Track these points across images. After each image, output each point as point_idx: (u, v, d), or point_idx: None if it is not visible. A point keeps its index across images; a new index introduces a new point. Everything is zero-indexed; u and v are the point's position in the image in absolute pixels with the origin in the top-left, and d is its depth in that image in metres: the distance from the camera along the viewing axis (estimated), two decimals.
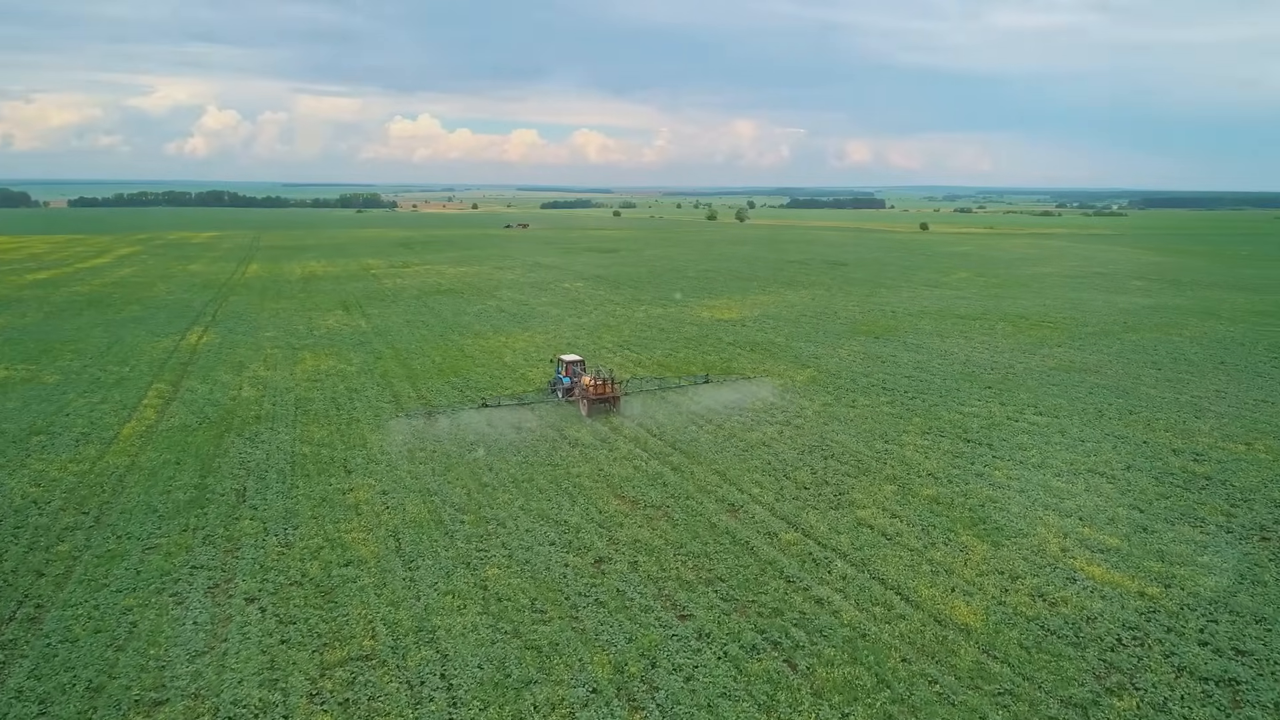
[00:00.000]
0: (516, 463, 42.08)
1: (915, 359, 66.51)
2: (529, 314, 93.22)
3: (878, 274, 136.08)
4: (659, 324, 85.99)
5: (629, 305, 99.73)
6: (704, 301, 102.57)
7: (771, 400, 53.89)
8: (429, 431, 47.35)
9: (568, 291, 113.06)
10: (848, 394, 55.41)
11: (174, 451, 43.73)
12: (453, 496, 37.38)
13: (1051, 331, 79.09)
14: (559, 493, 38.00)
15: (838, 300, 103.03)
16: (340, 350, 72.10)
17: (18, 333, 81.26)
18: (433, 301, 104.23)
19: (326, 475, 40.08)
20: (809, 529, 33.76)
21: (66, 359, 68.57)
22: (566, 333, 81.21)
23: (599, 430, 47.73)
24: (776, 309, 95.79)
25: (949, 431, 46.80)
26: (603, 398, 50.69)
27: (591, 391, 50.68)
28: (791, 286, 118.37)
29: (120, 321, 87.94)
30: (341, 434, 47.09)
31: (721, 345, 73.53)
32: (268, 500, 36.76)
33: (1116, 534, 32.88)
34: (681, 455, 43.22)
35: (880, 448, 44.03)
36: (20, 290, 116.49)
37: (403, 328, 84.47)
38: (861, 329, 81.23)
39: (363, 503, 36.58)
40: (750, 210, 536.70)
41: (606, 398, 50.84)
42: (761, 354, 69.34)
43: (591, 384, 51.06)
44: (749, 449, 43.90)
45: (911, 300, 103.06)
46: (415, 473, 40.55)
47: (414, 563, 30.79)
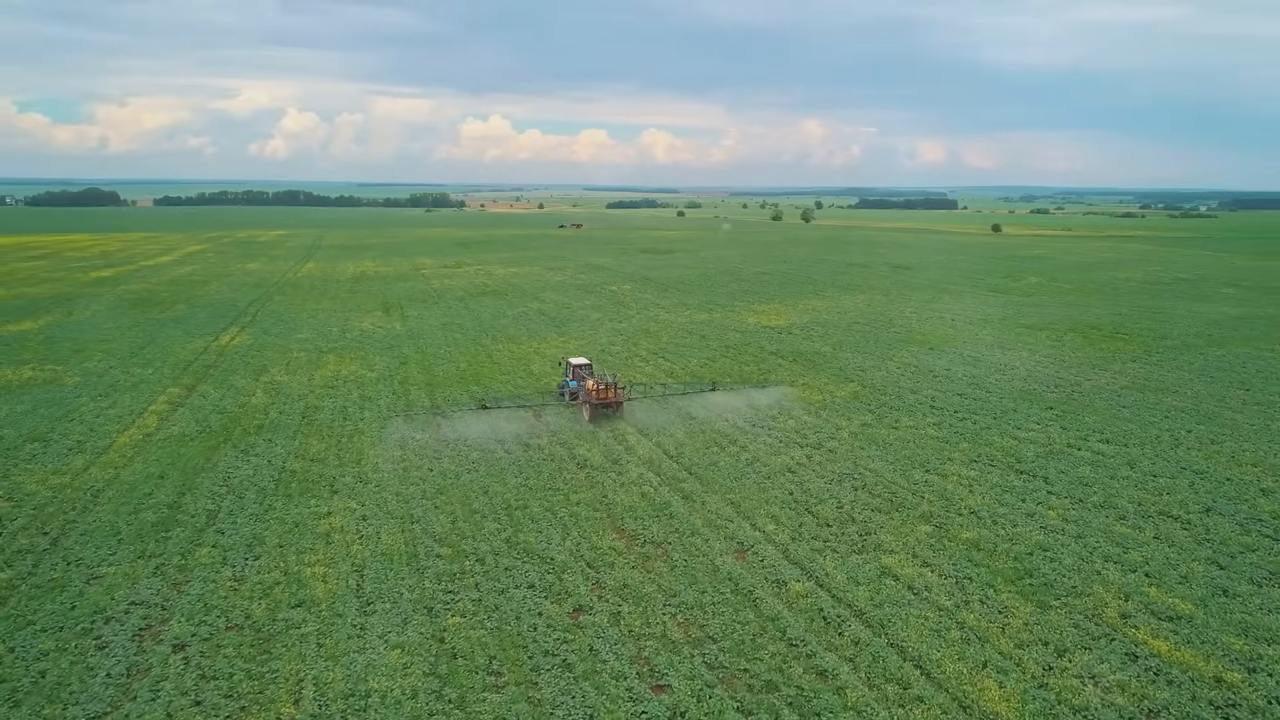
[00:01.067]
0: (514, 485, 38.67)
1: (970, 374, 61.13)
2: (569, 318, 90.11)
3: (942, 278, 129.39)
4: (701, 330, 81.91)
5: (674, 309, 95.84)
6: (752, 306, 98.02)
7: (806, 419, 49.45)
8: (427, 448, 44.31)
9: (613, 294, 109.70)
10: (891, 413, 50.60)
11: (162, 464, 41.52)
12: (435, 525, 34.13)
13: (1126, 344, 72.53)
14: (552, 523, 34.44)
15: (895, 306, 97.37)
16: (366, 354, 69.92)
17: (60, 331, 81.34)
18: (475, 303, 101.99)
19: (308, 496, 37.26)
20: (824, 578, 29.49)
21: (96, 359, 67.80)
22: (602, 338, 77.79)
23: (611, 449, 44.05)
24: (828, 315, 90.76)
25: (1000, 460, 41.78)
26: (605, 403, 49.15)
27: (594, 396, 49.11)
28: (848, 291, 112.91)
29: (161, 321, 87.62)
30: (339, 448, 44.37)
31: (763, 355, 69.11)
32: (237, 525, 34.03)
33: (1190, 597, 27.81)
34: (696, 482, 39.25)
35: (919, 478, 39.32)
36: (80, 287, 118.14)
37: (437, 331, 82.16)
38: (916, 338, 75.83)
39: (336, 530, 33.57)
40: (817, 210, 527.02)
41: (609, 403, 49.26)
42: (804, 365, 64.73)
43: (594, 388, 49.24)
44: (771, 476, 39.68)
45: (974, 307, 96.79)
46: (403, 495, 37.45)
47: (371, 606, 27.55)
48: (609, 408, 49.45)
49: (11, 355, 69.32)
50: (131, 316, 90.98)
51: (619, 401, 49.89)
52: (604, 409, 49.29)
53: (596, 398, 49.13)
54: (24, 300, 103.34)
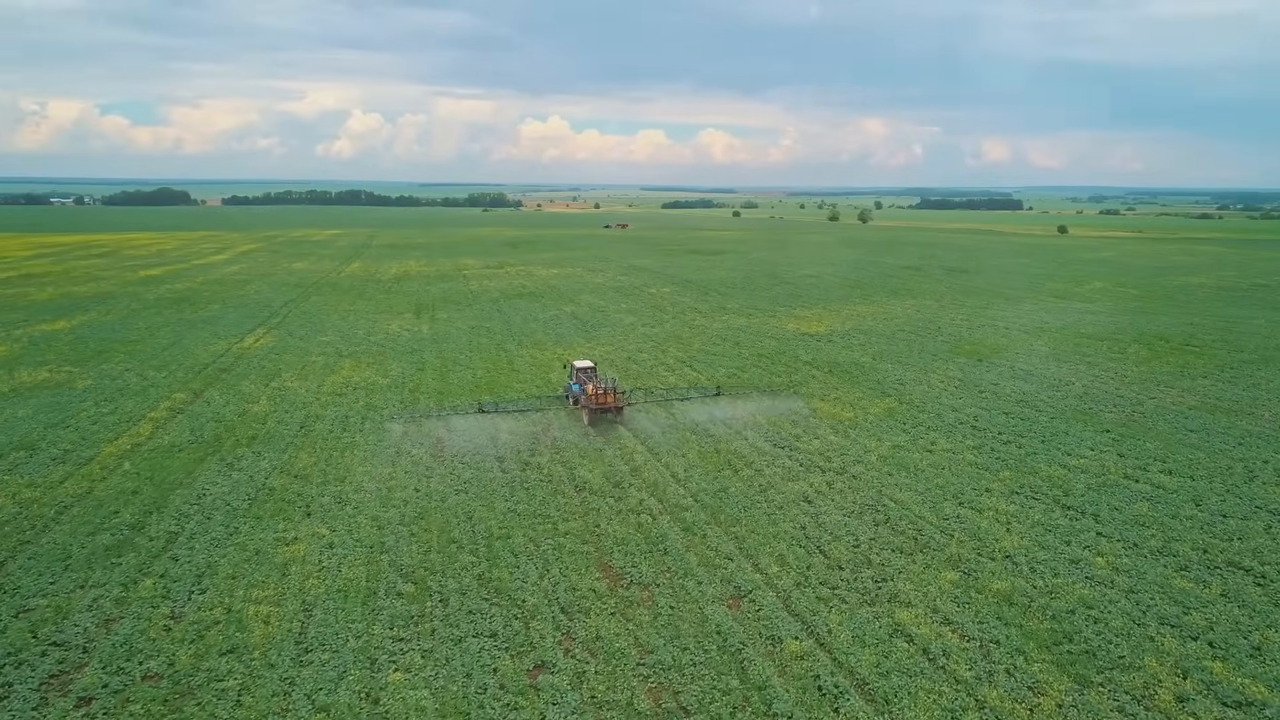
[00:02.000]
0: (502, 511, 35.57)
1: (1020, 389, 56.22)
2: (601, 322, 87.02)
3: (999, 282, 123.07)
4: (736, 336, 78.04)
5: (711, 314, 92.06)
6: (793, 311, 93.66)
7: (832, 440, 45.41)
8: (419, 464, 41.50)
9: (651, 297, 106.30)
10: (927, 434, 46.24)
11: (140, 478, 39.41)
12: (405, 556, 31.17)
13: (1196, 358, 66.57)
14: (533, 557, 31.21)
15: (946, 313, 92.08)
16: (384, 359, 67.72)
17: (91, 330, 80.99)
18: (509, 305, 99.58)
19: (279, 519, 34.65)
20: (826, 635, 25.68)
21: (116, 361, 66.81)
22: (631, 344, 74.47)
23: (614, 471, 40.68)
24: (873, 322, 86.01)
25: (1045, 492, 37.27)
26: (604, 407, 48.33)
27: (593, 400, 48.36)
28: (897, 295, 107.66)
29: (192, 321, 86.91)
30: (328, 463, 41.81)
31: (796, 364, 64.99)
32: (194, 551, 31.52)
33: (1264, 676, 23.35)
34: (700, 511, 35.65)
35: (950, 512, 35.11)
36: (124, 286, 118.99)
37: (463, 334, 79.78)
38: (964, 349, 70.84)
39: (297, 560, 30.81)
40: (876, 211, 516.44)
41: (608, 407, 48.43)
42: (839, 377, 60.49)
43: (594, 393, 48.51)
44: (783, 506, 35.87)
45: (1032, 314, 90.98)
46: (380, 520, 34.61)
47: (309, 655, 24.64)
48: (608, 412, 48.49)
49: (35, 356, 68.76)
50: (165, 316, 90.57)
51: (619, 406, 48.83)
52: (603, 413, 48.38)
53: (595, 402, 48.21)
54: (68, 299, 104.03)
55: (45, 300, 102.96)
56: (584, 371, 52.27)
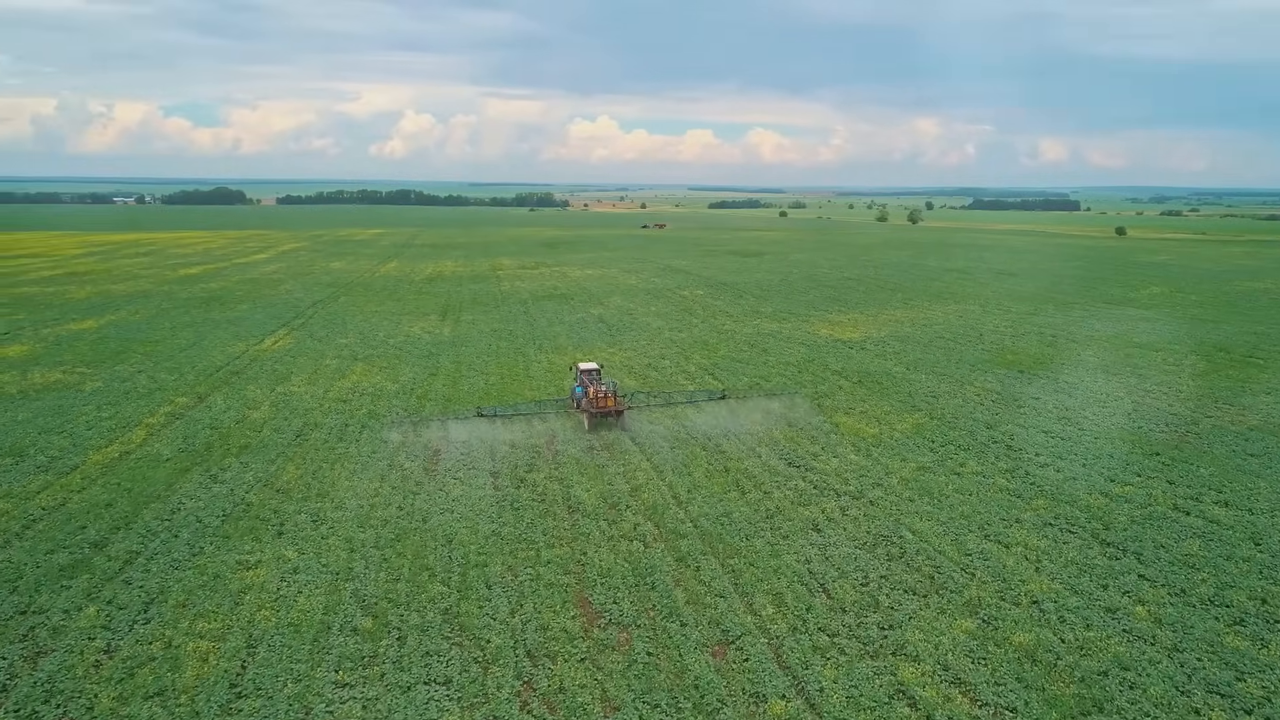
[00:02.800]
0: (485, 534, 33.16)
1: (1063, 405, 52.26)
2: (628, 325, 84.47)
3: (1049, 287, 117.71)
4: (765, 342, 74.86)
5: (742, 319, 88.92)
6: (828, 316, 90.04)
7: (851, 459, 42.18)
8: (409, 478, 39.32)
9: (683, 300, 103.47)
10: (956, 454, 42.74)
11: (117, 490, 37.81)
12: (371, 585, 28.88)
13: (1259, 372, 61.69)
14: (508, 589, 28.71)
15: (989, 319, 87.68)
16: (399, 363, 65.96)
17: (116, 330, 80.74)
18: (536, 307, 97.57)
19: (249, 538, 32.65)
20: (816, 695, 22.71)
21: (132, 362, 66.07)
22: (654, 350, 71.76)
23: (614, 491, 38.03)
24: (911, 328, 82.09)
25: (1082, 525, 33.68)
26: (603, 411, 47.47)
27: (592, 404, 47.60)
28: (940, 300, 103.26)
29: (217, 322, 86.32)
30: (314, 477, 39.82)
31: (824, 374, 61.65)
32: (150, 574, 29.61)
33: None
34: (698, 539, 32.81)
35: (974, 546, 31.76)
36: (160, 285, 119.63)
37: (484, 337, 77.86)
38: (1005, 358, 66.76)
39: (254, 587, 28.69)
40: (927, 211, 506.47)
41: (607, 411, 47.56)
42: (867, 389, 57.05)
43: (593, 396, 47.72)
44: (790, 536, 32.87)
45: (1081, 321, 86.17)
46: (354, 542, 32.42)
47: (240, 701, 22.41)
48: (608, 416, 47.72)
49: (55, 356, 68.37)
50: (192, 316, 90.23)
51: (618, 410, 48.00)
52: (603, 417, 47.63)
53: (594, 406, 47.43)
54: (103, 298, 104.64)
55: (81, 299, 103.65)
56: (589, 374, 51.17)
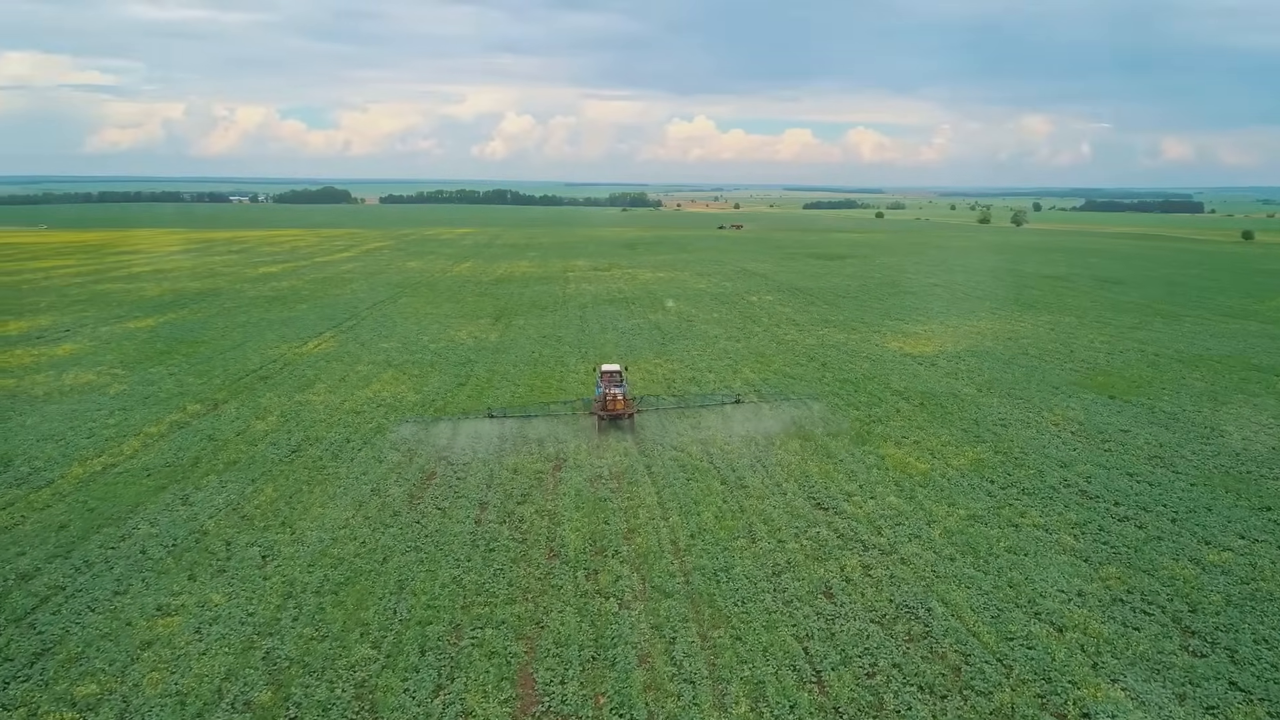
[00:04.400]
0: (444, 581, 29.08)
1: (1158, 440, 44.95)
2: (683, 333, 79.66)
3: (1158, 296, 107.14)
4: (827, 355, 68.93)
5: (808, 327, 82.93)
6: (902, 326, 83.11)
7: (890, 501, 36.41)
8: (388, 506, 35.66)
9: (749, 306, 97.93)
10: (1019, 499, 36.46)
11: (80, 510, 35.37)
12: (291, 642, 25.11)
13: None
14: (443, 657, 24.50)
15: (1084, 333, 79.22)
16: (431, 371, 62.91)
17: (170, 329, 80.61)
18: (594, 312, 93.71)
19: (183, 575, 29.43)
20: None
21: (170, 363, 65.08)
22: (704, 361, 66.79)
23: (610, 530, 33.44)
24: (992, 341, 74.64)
25: (1162, 604, 27.30)
26: (612, 414, 46.88)
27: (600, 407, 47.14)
28: (1031, 310, 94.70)
29: (270, 322, 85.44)
30: (289, 501, 36.59)
31: (883, 394, 55.53)
32: (61, 615, 26.60)
33: None
34: (686, 600, 27.93)
35: (1018, 629, 25.86)
36: (234, 283, 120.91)
37: (529, 344, 74.35)
38: (1095, 380, 59.11)
39: (160, 640, 25.28)
40: (1033, 213, 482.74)
41: (616, 414, 46.94)
42: (928, 413, 50.77)
43: (605, 398, 47.09)
44: (794, 601, 27.62)
45: (1192, 337, 76.88)
46: (296, 584, 28.80)
47: None
48: (619, 419, 47.07)
49: (98, 356, 68.00)
50: (249, 315, 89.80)
51: (628, 413, 47.37)
52: (613, 420, 46.96)
53: (602, 409, 46.86)
54: (172, 295, 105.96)
55: (153, 296, 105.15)
56: (609, 375, 49.43)
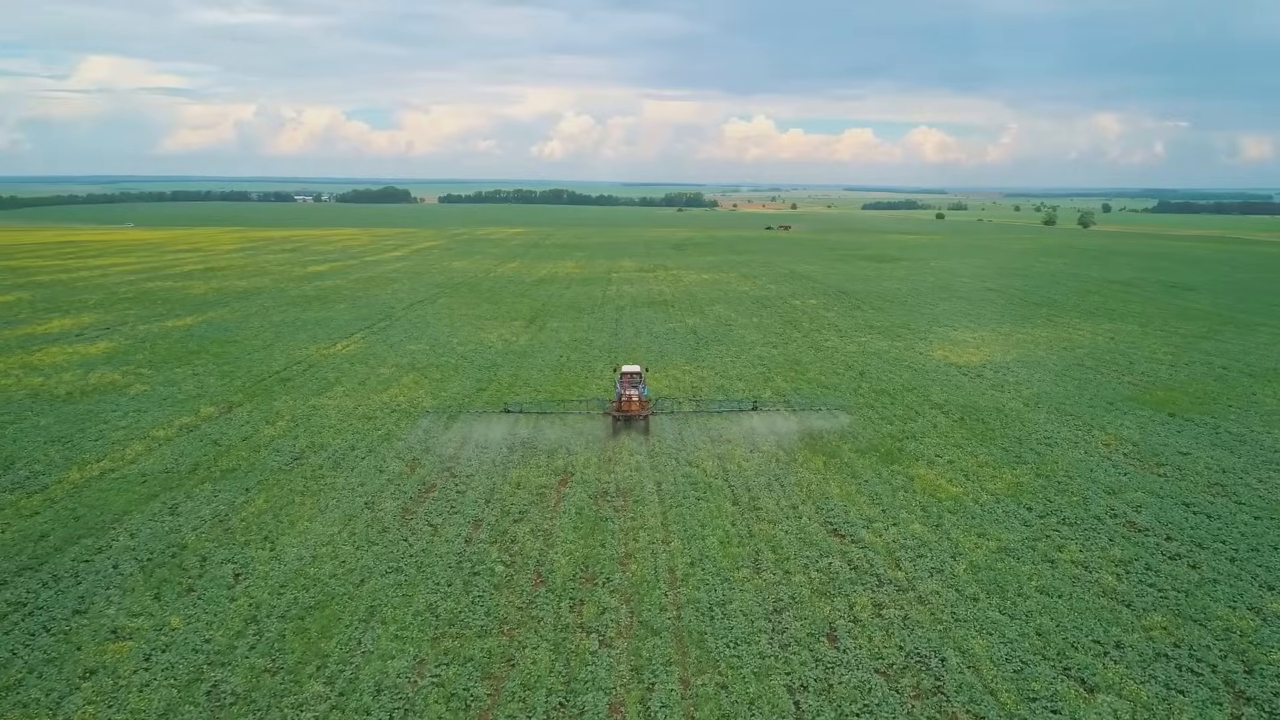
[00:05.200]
0: (415, 612, 27.10)
1: (1220, 464, 41.01)
2: (719, 338, 77.07)
3: (1232, 304, 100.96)
4: (866, 363, 65.71)
5: (850, 334, 79.59)
6: (950, 333, 79.23)
7: (914, 529, 33.44)
8: (377, 521, 33.94)
9: (791, 310, 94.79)
10: (1058, 530, 33.18)
11: (67, 518, 34.37)
12: (240, 676, 23.39)
13: None
14: (398, 699, 22.53)
15: (1147, 342, 74.46)
16: (453, 375, 61.42)
17: (205, 329, 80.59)
18: (632, 314, 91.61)
19: (146, 594, 27.97)
20: None
21: (197, 364, 64.75)
22: (736, 369, 64.16)
23: (605, 555, 31.20)
24: (1045, 351, 70.48)
25: (1212, 662, 23.98)
26: (626, 415, 46.83)
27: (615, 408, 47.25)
28: (1091, 317, 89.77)
29: (304, 323, 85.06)
30: (276, 514, 35.10)
31: (922, 406, 52.29)
32: (12, 635, 25.21)
33: None
34: (671, 639, 25.50)
35: (1043, 687, 22.84)
36: (279, 282, 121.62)
37: (559, 348, 72.52)
38: (1155, 395, 54.91)
39: (105, 668, 23.75)
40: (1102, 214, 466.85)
41: (628, 416, 46.82)
42: (968, 428, 47.44)
43: (619, 399, 47.04)
44: (791, 645, 25.01)
45: (1266, 349, 71.64)
46: (260, 608, 27.12)
47: None
48: (632, 420, 46.90)
49: (128, 355, 67.99)
50: (285, 315, 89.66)
51: (640, 415, 47.02)
52: (627, 421, 46.83)
53: (616, 409, 46.93)
54: (216, 294, 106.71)
55: (198, 295, 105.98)
56: (628, 376, 49.19)
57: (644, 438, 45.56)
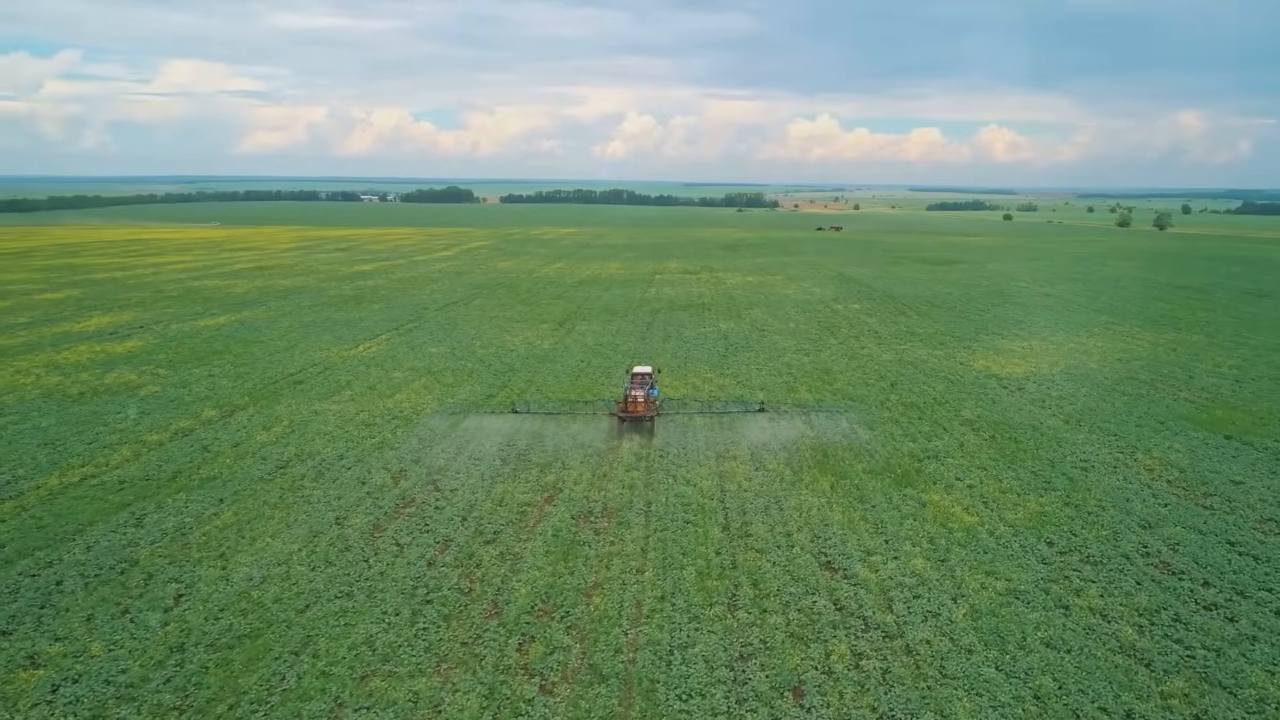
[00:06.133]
0: (355, 643, 25.15)
1: (1276, 495, 36.79)
2: (750, 344, 74.12)
3: None
4: (901, 373, 62.16)
5: (889, 341, 75.86)
6: (996, 342, 74.89)
7: (915, 564, 30.31)
8: (340, 539, 32.16)
9: (832, 315, 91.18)
10: (1077, 570, 29.73)
11: (29, 529, 33.34)
12: (151, 709, 21.71)
13: None
14: None
15: (1212, 354, 69.16)
16: (466, 380, 59.80)
17: (234, 329, 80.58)
18: (665, 318, 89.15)
19: (75, 619, 26.51)
20: None
21: (215, 364, 64.40)
22: (760, 378, 61.22)
23: (570, 584, 28.84)
24: (1098, 363, 65.87)
25: None
26: (632, 416, 46.72)
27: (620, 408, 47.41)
28: (1154, 326, 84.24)
29: (333, 323, 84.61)
30: (239, 530, 33.59)
31: (951, 422, 48.77)
32: None
33: None
34: (616, 691, 23.04)
35: None
36: (322, 281, 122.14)
37: (582, 352, 70.49)
38: (1212, 414, 50.34)
39: (11, 699, 22.32)
40: (1181, 216, 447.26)
41: (639, 417, 46.73)
42: (997, 448, 43.85)
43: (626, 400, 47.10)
44: (749, 701, 22.34)
45: None
46: (191, 637, 25.44)
47: None
48: (637, 421, 46.80)
49: (151, 355, 68.00)
50: (317, 315, 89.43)
51: (645, 416, 46.87)
52: (634, 422, 46.71)
53: (622, 410, 47.10)
54: (257, 293, 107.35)
55: (239, 294, 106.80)
56: (639, 377, 49.32)
57: (649, 444, 43.59)
